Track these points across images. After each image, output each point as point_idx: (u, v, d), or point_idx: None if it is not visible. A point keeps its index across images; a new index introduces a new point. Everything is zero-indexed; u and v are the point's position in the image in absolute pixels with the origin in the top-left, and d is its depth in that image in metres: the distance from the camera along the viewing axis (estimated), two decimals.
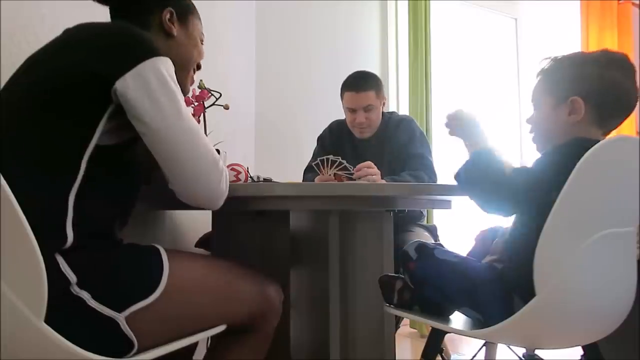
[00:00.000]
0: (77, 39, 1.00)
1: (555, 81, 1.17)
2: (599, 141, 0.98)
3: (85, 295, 0.87)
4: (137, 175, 1.08)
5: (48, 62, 0.99)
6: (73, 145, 0.92)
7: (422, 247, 1.26)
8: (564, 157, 1.04)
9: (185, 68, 1.23)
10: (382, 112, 2.19)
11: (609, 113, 1.14)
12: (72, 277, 0.86)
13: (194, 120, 1.01)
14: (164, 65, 0.98)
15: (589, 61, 1.14)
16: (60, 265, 0.86)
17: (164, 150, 0.98)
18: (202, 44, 1.29)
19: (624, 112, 1.15)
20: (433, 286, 1.22)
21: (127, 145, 1.00)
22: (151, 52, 0.97)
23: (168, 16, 1.18)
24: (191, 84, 1.29)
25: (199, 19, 1.28)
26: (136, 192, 1.09)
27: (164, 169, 1.01)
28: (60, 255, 0.87)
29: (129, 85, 0.93)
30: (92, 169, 0.93)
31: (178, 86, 1.00)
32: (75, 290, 0.86)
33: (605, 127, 1.16)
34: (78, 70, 0.94)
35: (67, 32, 1.04)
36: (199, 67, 1.30)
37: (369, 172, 1.74)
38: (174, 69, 1.02)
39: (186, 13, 1.22)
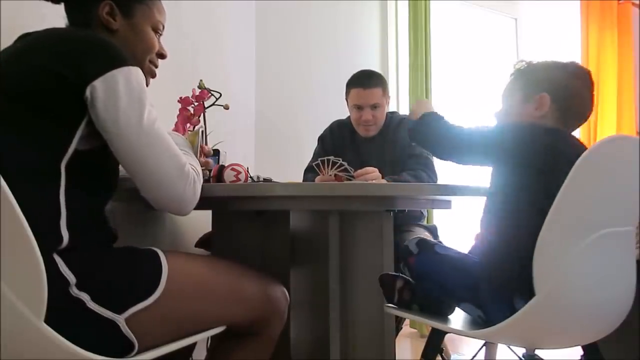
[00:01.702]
0: (47, 44, 0.99)
1: (527, 80, 1.29)
2: (557, 128, 1.20)
3: (84, 297, 0.87)
4: (115, 167, 1.09)
5: (18, 66, 0.98)
6: (52, 149, 0.93)
7: (422, 242, 1.29)
8: (518, 126, 1.22)
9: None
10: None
11: (567, 115, 1.25)
12: (72, 278, 0.86)
13: (159, 128, 1.01)
14: (133, 74, 0.98)
15: (559, 68, 1.27)
16: (59, 266, 0.86)
17: (126, 158, 0.99)
18: (159, 33, 1.21)
19: (579, 119, 1.27)
20: (433, 281, 1.24)
21: (103, 149, 1.01)
22: (120, 61, 0.97)
23: (106, 10, 1.11)
24: (153, 77, 1.23)
25: (156, 6, 1.20)
26: (116, 182, 1.10)
27: (129, 174, 1.02)
28: (58, 256, 0.87)
29: (97, 92, 0.93)
30: (73, 171, 0.94)
31: (146, 94, 1.00)
32: (75, 292, 0.86)
33: (564, 127, 1.24)
34: (50, 76, 0.94)
35: (31, 36, 1.03)
36: (162, 56, 1.23)
37: (368, 178, 1.74)
38: None
39: (130, 4, 1.14)
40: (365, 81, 2.11)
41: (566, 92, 1.24)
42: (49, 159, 0.93)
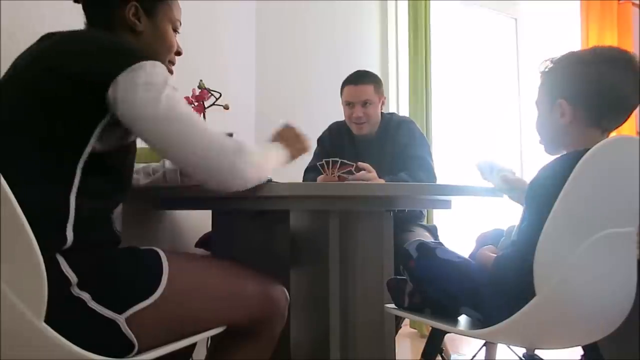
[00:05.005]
0: (68, 47, 1.00)
1: (548, 83, 1.16)
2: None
3: (85, 296, 0.87)
4: (130, 170, 1.09)
5: (38, 67, 0.98)
6: (68, 150, 0.93)
7: (423, 246, 1.24)
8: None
9: None
10: (382, 113, 2.20)
11: (600, 113, 1.10)
12: (73, 278, 0.86)
13: (185, 108, 0.99)
14: (155, 67, 0.98)
15: (576, 61, 1.12)
16: (61, 266, 0.86)
17: (158, 143, 0.98)
18: (177, 31, 1.20)
19: (620, 110, 1.12)
20: (434, 285, 1.20)
21: (120, 151, 1.01)
22: (142, 57, 0.97)
23: (132, 11, 1.10)
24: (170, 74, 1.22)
25: (175, 5, 1.19)
26: (129, 185, 1.09)
27: (167, 159, 1.02)
28: (60, 256, 0.87)
29: (119, 86, 0.93)
30: (88, 173, 0.94)
31: (169, 79, 0.99)
32: (76, 291, 0.87)
33: (603, 127, 1.13)
34: (69, 78, 0.94)
35: (53, 38, 1.03)
36: (178, 53, 1.23)
37: (364, 177, 1.75)
38: None
39: (153, 3, 1.13)
40: (356, 78, 2.14)
41: (587, 89, 1.07)
42: (65, 160, 0.92)
